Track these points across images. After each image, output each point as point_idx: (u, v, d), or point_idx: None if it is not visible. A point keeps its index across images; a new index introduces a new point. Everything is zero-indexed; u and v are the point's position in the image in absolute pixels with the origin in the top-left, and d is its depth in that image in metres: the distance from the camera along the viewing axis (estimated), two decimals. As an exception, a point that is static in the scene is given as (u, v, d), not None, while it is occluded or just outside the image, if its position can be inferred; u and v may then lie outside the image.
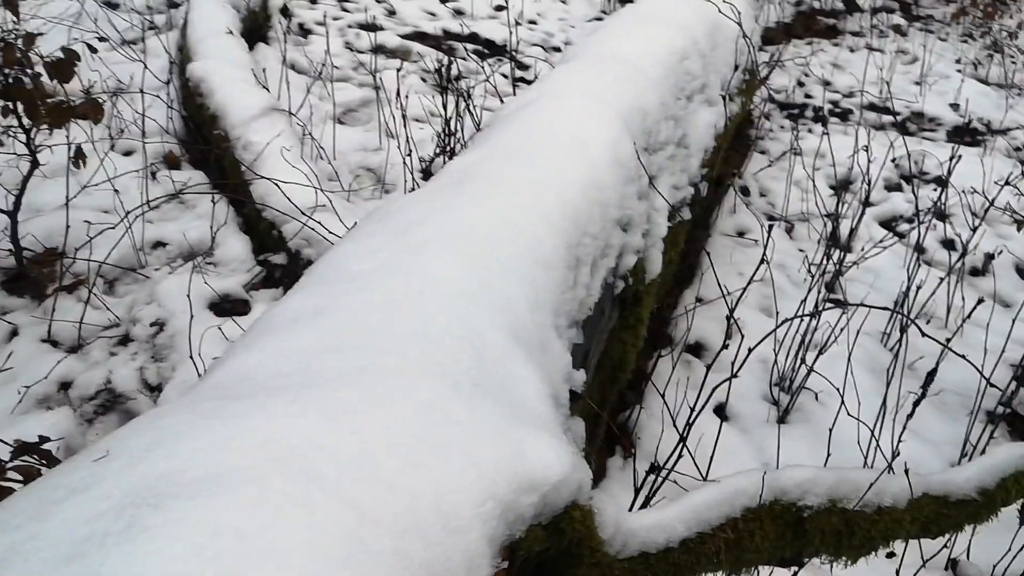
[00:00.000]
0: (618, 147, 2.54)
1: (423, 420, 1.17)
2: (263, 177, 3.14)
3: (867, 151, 2.98)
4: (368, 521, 0.96)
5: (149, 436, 1.08)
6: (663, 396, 2.62)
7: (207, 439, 1.05)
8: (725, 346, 1.78)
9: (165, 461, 1.00)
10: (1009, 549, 2.00)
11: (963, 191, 3.81)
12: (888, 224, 4.17)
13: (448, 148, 3.83)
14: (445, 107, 3.86)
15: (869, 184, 3.08)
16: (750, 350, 2.04)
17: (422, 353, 1.37)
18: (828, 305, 2.98)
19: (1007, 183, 2.80)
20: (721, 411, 2.90)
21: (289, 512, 0.93)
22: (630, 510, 1.65)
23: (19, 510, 0.97)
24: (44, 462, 1.38)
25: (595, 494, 1.35)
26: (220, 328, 2.74)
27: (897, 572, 1.75)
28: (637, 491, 1.80)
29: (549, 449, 1.25)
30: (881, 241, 3.64)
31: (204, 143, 3.87)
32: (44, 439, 1.41)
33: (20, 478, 1.40)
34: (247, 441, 1.04)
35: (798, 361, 2.85)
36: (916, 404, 2.14)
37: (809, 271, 3.37)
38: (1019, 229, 2.87)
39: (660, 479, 1.77)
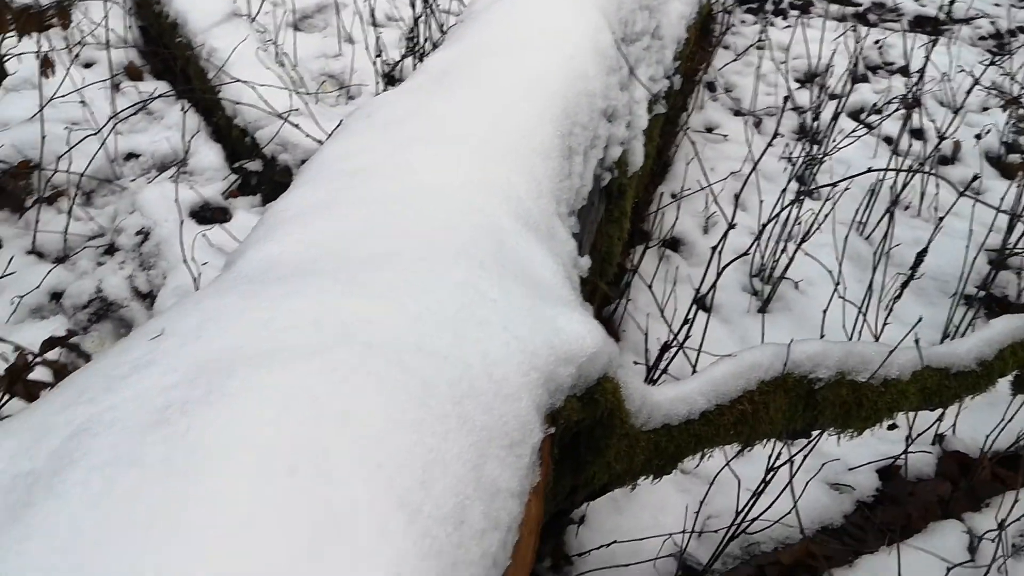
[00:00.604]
0: (598, 37, 2.53)
1: (461, 298, 1.20)
2: (239, 80, 3.08)
3: (855, 31, 2.98)
4: (431, 389, 0.99)
5: (197, 317, 1.09)
6: (651, 288, 2.67)
7: (258, 317, 1.06)
8: (732, 226, 1.81)
9: (223, 337, 1.02)
10: (1003, 418, 2.09)
11: (944, 75, 3.85)
12: (856, 115, 4.22)
13: (416, 50, 3.77)
14: (413, 6, 3.79)
15: (856, 66, 3.10)
16: (763, 227, 2.09)
17: (444, 238, 1.39)
18: (814, 187, 3.02)
19: (992, 63, 2.83)
20: (703, 302, 2.96)
21: (358, 380, 0.95)
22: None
23: (85, 386, 0.98)
24: (74, 354, 1.38)
25: (620, 370, 1.39)
26: (205, 235, 2.72)
27: (908, 441, 1.84)
28: (651, 368, 1.85)
29: (580, 324, 1.28)
30: (853, 131, 3.68)
31: (166, 52, 3.77)
32: (72, 332, 1.41)
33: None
34: (299, 318, 1.06)
35: (779, 250, 2.91)
36: (905, 284, 2.22)
37: (791, 161, 3.41)
38: (1004, 109, 2.92)
39: (671, 356, 1.82)
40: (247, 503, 0.78)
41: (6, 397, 1.45)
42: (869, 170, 2.21)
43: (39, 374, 1.53)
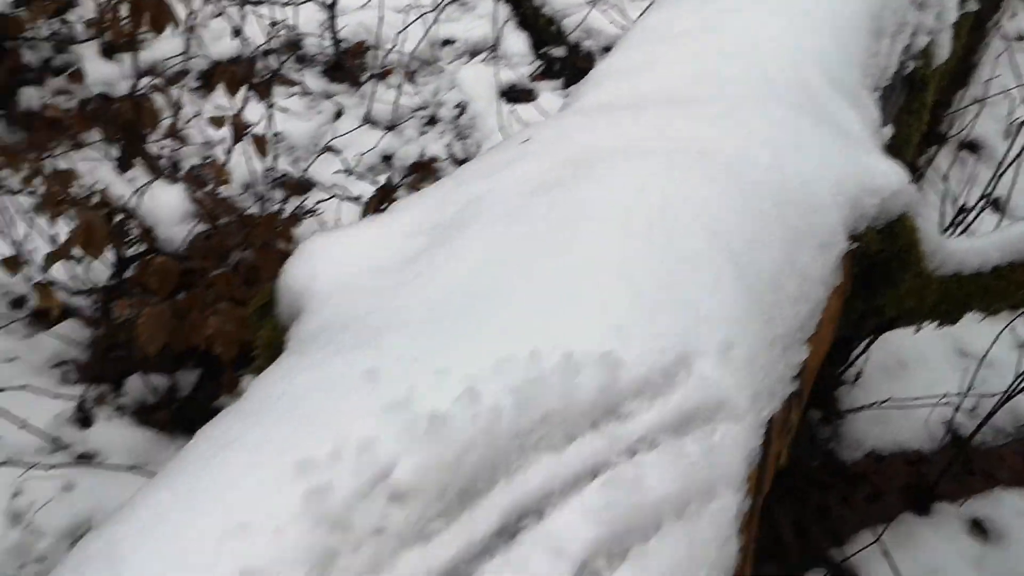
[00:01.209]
0: (914, -76, 2.52)
1: (779, 130, 1.35)
2: (552, -31, 3.30)
3: None
4: (754, 190, 1.16)
5: (555, 128, 1.32)
6: (945, 178, 2.67)
7: (608, 127, 1.28)
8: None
9: (581, 140, 1.24)
10: None
11: None
12: None
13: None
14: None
15: None
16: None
17: (762, 86, 1.53)
18: None
19: None
20: (996, 203, 2.90)
21: (696, 174, 1.14)
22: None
23: (471, 174, 1.23)
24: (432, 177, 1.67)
25: (918, 217, 1.49)
26: (514, 111, 2.99)
27: None
28: (945, 230, 1.92)
29: (884, 164, 1.40)
30: None
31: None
32: (433, 159, 1.70)
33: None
34: (643, 130, 1.26)
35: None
36: None
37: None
38: None
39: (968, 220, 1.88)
40: (615, 244, 0.99)
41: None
42: None
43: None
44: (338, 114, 3.10)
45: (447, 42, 3.60)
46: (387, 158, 2.90)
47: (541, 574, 0.71)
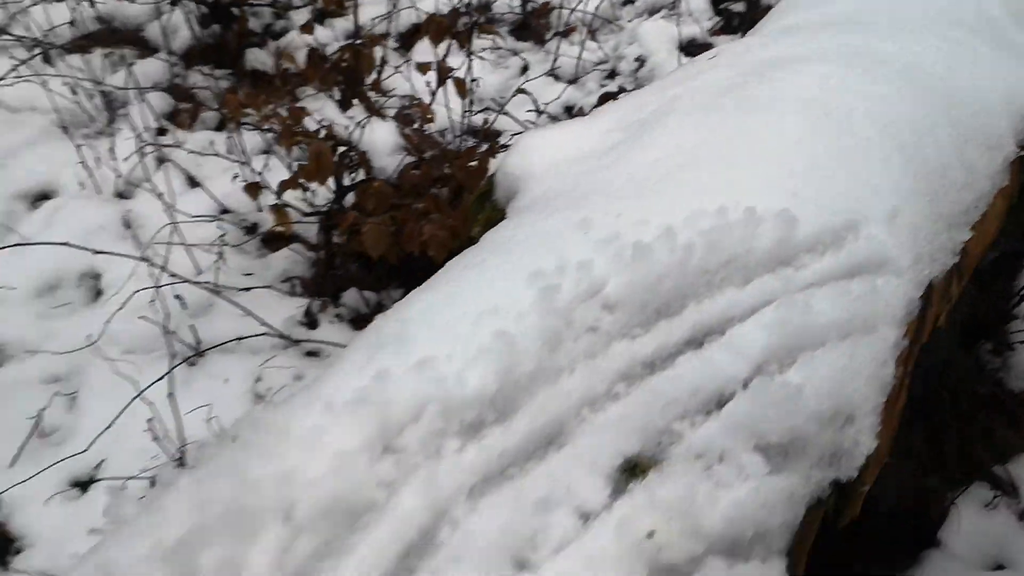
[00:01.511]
0: None
1: (956, 47, 1.45)
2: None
3: None
4: (928, 92, 1.28)
5: (739, 47, 1.47)
6: None
7: (789, 44, 1.41)
8: None
9: (768, 52, 1.38)
10: None
11: None
12: None
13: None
14: None
15: None
16: None
17: (942, 13, 1.62)
18: None
19: None
20: None
21: (870, 78, 1.26)
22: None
23: (662, 84, 1.40)
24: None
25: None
26: (693, 62, 3.11)
27: None
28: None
29: (1059, 82, 1.46)
30: None
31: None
32: (622, 89, 1.86)
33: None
34: (824, 43, 1.39)
35: None
36: None
37: None
38: None
39: None
40: (795, 125, 1.14)
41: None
42: None
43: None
44: (524, 69, 3.30)
45: (628, 1, 3.75)
46: (569, 109, 3.09)
47: (724, 365, 0.87)
